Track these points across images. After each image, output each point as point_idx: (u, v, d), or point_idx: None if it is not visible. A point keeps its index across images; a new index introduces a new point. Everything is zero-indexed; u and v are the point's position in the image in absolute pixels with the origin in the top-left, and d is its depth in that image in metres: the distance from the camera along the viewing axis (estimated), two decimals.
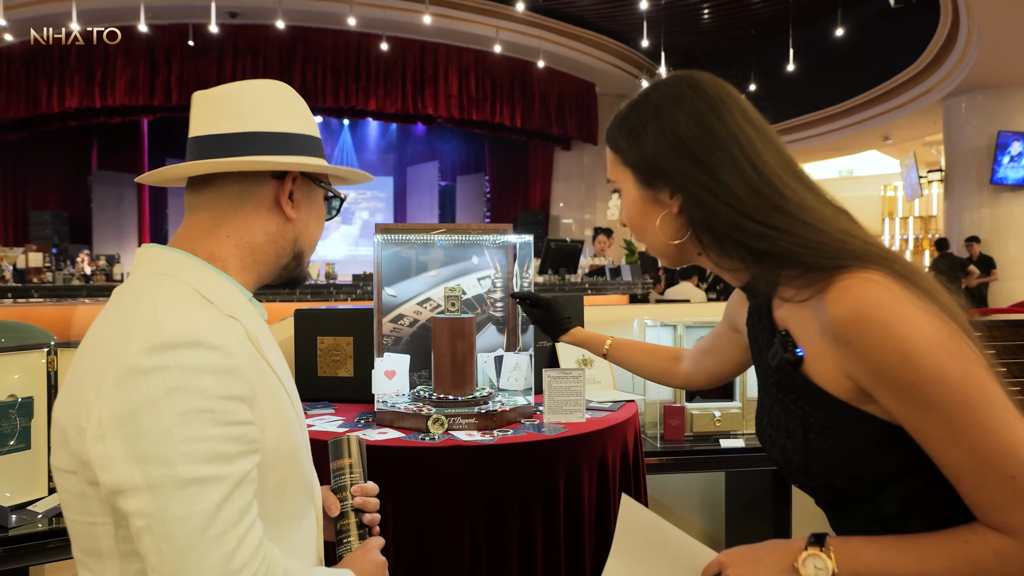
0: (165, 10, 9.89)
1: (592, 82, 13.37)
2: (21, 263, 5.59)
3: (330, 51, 11.16)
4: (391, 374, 1.82)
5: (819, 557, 0.80)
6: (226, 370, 0.78)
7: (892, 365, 0.74)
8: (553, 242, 6.42)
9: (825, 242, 0.82)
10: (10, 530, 1.53)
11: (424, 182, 15.19)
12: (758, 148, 0.87)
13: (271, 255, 0.96)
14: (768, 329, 0.91)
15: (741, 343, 1.21)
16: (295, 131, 0.95)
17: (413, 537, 1.46)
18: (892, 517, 0.82)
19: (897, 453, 0.79)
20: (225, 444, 0.76)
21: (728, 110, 0.89)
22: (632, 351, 1.51)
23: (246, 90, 0.93)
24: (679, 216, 0.92)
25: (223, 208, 0.93)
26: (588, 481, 1.61)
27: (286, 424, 0.88)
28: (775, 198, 0.85)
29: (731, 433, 2.33)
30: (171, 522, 0.73)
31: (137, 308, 0.82)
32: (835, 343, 0.79)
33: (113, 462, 0.74)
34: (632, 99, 0.97)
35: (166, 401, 0.74)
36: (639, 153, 0.92)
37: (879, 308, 0.76)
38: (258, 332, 0.88)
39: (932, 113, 10.82)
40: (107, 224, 13.21)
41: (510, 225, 1.92)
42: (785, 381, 0.87)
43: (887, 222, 15.87)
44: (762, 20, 11.40)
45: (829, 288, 0.79)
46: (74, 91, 10.43)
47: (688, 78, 0.93)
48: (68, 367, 1.69)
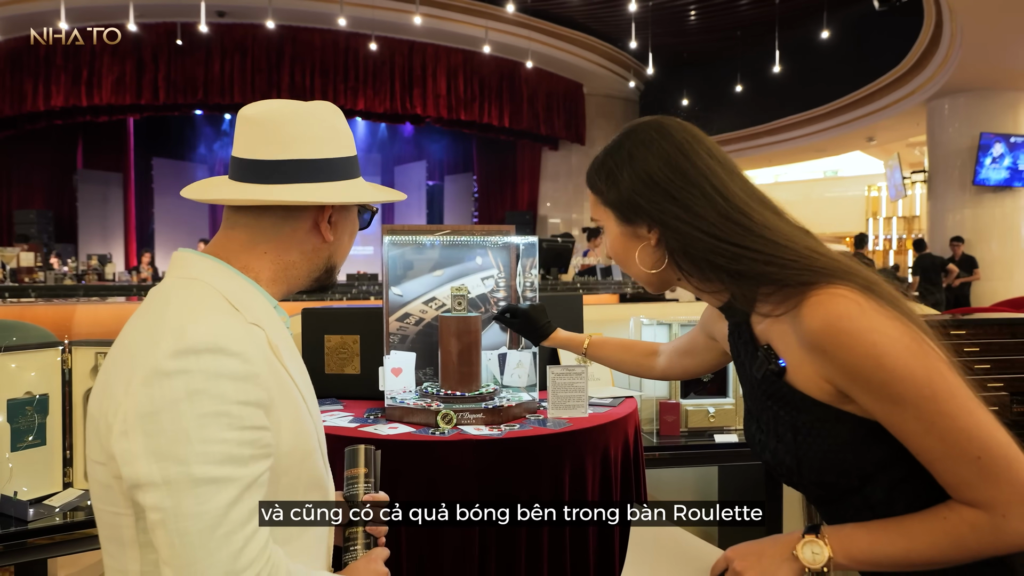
0: (153, 9, 9.83)
1: (580, 83, 13.44)
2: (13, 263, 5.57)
3: (319, 51, 11.14)
4: (398, 371, 1.87)
5: (815, 543, 0.88)
6: (245, 376, 0.82)
7: (864, 368, 0.84)
8: (544, 242, 6.48)
9: (795, 260, 0.91)
10: (29, 523, 1.57)
11: (412, 182, 15.20)
12: (725, 180, 0.97)
13: (304, 270, 1.01)
14: (751, 344, 1.00)
15: (717, 348, 1.32)
16: (338, 155, 0.98)
17: (425, 527, 1.51)
18: (880, 503, 0.91)
19: (878, 447, 0.88)
20: (239, 447, 0.81)
21: (694, 150, 0.99)
22: (610, 348, 1.63)
23: (291, 115, 0.96)
24: (657, 247, 1.01)
25: (263, 229, 0.97)
26: (592, 473, 1.67)
27: (301, 429, 0.92)
28: (745, 222, 0.94)
29: (725, 429, 2.40)
30: (184, 518, 0.77)
31: (166, 311, 0.86)
32: (812, 352, 0.88)
33: (134, 457, 0.79)
34: (608, 145, 1.07)
35: (186, 403, 0.79)
36: (617, 194, 1.02)
37: (848, 319, 0.85)
38: (279, 340, 0.93)
39: (916, 115, 10.98)
40: (93, 223, 13.11)
41: (512, 227, 1.98)
42: (772, 390, 0.96)
43: (871, 222, 16.08)
44: (748, 22, 11.52)
45: (803, 303, 0.88)
46: (60, 89, 10.34)
47: (656, 124, 1.03)
48: (84, 363, 1.73)
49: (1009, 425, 0.85)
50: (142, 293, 6.34)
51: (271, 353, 0.89)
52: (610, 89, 13.71)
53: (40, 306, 4.29)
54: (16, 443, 1.65)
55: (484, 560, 1.53)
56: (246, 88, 10.85)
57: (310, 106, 0.99)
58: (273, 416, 0.86)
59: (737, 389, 2.43)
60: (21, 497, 1.61)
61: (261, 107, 0.97)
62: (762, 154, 13.98)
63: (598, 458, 1.70)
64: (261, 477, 0.84)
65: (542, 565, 1.57)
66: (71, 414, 1.76)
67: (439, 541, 1.51)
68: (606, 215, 1.07)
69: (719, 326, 1.24)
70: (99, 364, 1.76)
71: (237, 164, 0.97)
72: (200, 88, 10.76)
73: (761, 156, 14.22)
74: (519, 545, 1.54)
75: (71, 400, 1.76)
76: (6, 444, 1.63)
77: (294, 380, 0.93)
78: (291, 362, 0.94)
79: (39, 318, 3.71)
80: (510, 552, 1.54)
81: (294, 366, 0.95)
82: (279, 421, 0.87)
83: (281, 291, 1.00)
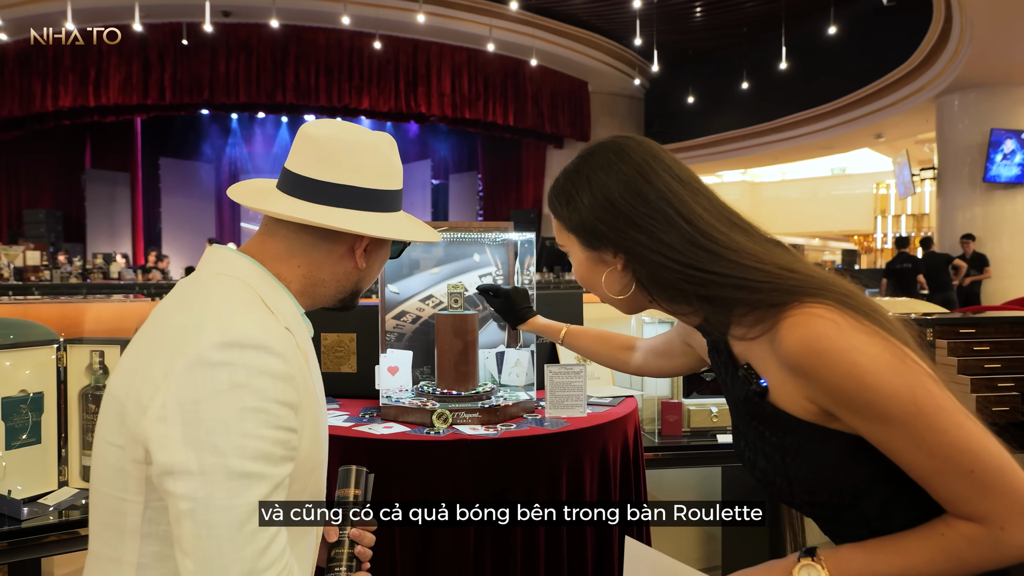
0: (159, 9, 9.87)
1: (584, 80, 13.41)
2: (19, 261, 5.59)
3: (323, 50, 11.16)
4: (394, 370, 1.85)
5: (812, 567, 0.86)
6: (284, 376, 0.83)
7: (847, 389, 0.82)
8: (548, 240, 6.46)
9: (766, 281, 0.88)
10: (23, 522, 1.56)
11: (417, 181, 15.21)
12: (688, 202, 0.93)
13: (331, 290, 1.03)
14: (730, 364, 0.97)
15: (693, 355, 1.30)
16: (385, 187, 1.00)
17: (419, 529, 1.49)
18: (876, 518, 0.88)
19: (868, 463, 0.86)
20: (273, 446, 0.81)
21: (655, 171, 0.95)
22: (586, 339, 1.61)
23: (351, 143, 0.98)
24: (624, 272, 0.98)
25: (301, 243, 0.98)
26: (590, 474, 1.64)
27: (316, 438, 0.93)
28: (711, 246, 0.90)
29: (728, 429, 2.37)
30: (214, 510, 0.77)
31: (209, 303, 0.87)
32: (793, 374, 0.86)
33: (171, 442, 0.78)
34: (566, 168, 1.04)
35: (229, 395, 0.79)
36: (578, 219, 0.99)
37: (827, 339, 0.82)
38: (306, 347, 0.95)
39: (925, 111, 10.90)
40: (101, 223, 13.19)
41: (511, 223, 1.96)
42: (755, 411, 0.93)
43: (879, 220, 15.99)
44: (754, 18, 11.46)
45: (778, 325, 0.86)
46: (68, 90, 10.41)
47: (614, 145, 0.99)
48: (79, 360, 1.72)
49: (1019, 425, 0.82)
50: (145, 291, 6.35)
51: (302, 359, 0.91)
52: (615, 87, 13.66)
53: (44, 304, 4.30)
54: (11, 441, 1.64)
55: (479, 563, 1.51)
56: (251, 87, 10.89)
57: (369, 136, 1.01)
58: (300, 420, 0.88)
59: None
60: (15, 496, 1.61)
61: (324, 128, 0.99)
62: (768, 152, 13.91)
63: (596, 458, 1.67)
64: (286, 480, 0.84)
65: (538, 567, 1.55)
66: (66, 412, 1.75)
67: (432, 543, 1.49)
68: (570, 240, 1.04)
69: (697, 336, 1.21)
70: (94, 362, 1.75)
71: (288, 176, 0.99)
72: (206, 88, 10.81)
73: (767, 154, 14.15)
74: (515, 547, 1.52)
75: (66, 398, 1.75)
76: (0, 442, 1.62)
77: (315, 389, 0.95)
78: (314, 371, 0.96)
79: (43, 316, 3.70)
80: (506, 555, 1.52)
81: (316, 376, 0.97)
82: (302, 426, 0.89)
83: (306, 304, 1.02)
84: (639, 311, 1.05)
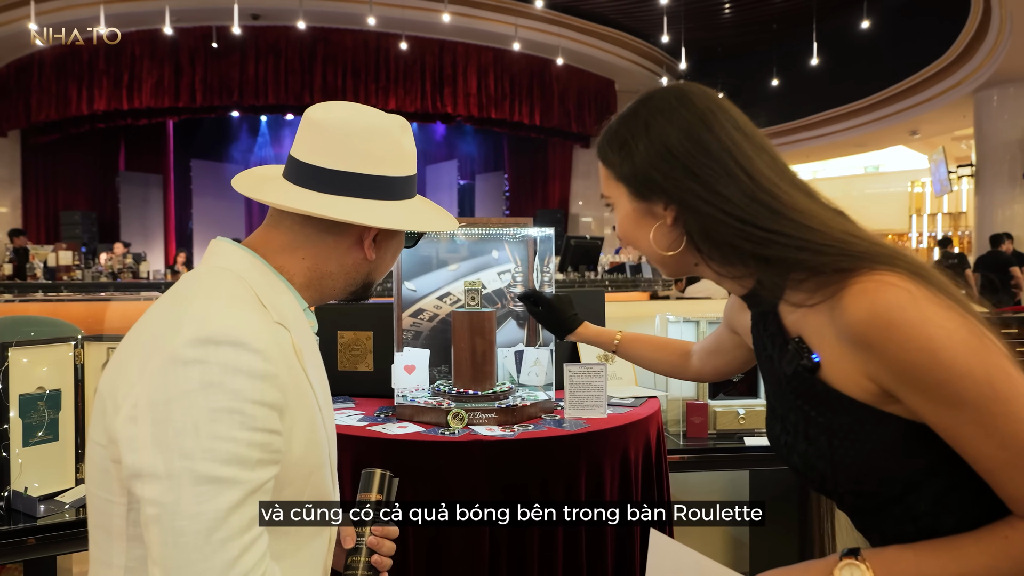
0: (189, 13, 10.03)
1: (611, 79, 13.31)
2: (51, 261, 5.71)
3: (350, 51, 11.24)
4: (411, 369, 1.82)
5: (856, 567, 0.78)
6: (263, 375, 0.78)
7: (918, 366, 0.74)
8: (573, 239, 6.41)
9: (830, 244, 0.81)
10: (39, 520, 1.55)
11: (443, 181, 15.24)
12: (751, 157, 0.87)
13: (340, 282, 0.97)
14: (779, 336, 0.90)
15: (743, 344, 1.22)
16: (396, 174, 0.95)
17: (432, 532, 1.46)
18: (924, 515, 0.80)
19: (925, 452, 0.78)
20: (248, 449, 0.76)
21: (718, 121, 0.89)
22: (643, 346, 1.50)
23: (357, 126, 0.93)
24: (674, 227, 0.91)
25: (307, 234, 0.94)
26: (610, 478, 1.59)
27: (313, 440, 0.88)
28: (773, 204, 0.84)
29: (755, 431, 2.30)
30: (181, 517, 0.73)
31: (192, 298, 0.83)
32: (855, 347, 0.78)
33: (140, 444, 0.75)
34: (621, 113, 0.97)
35: (200, 394, 0.75)
36: (631, 167, 0.92)
37: (900, 310, 0.75)
38: (303, 344, 0.89)
39: (962, 106, 10.61)
40: (134, 223, 13.44)
41: (530, 219, 1.91)
42: (802, 388, 0.86)
43: (915, 219, 15.62)
44: (784, 14, 11.26)
45: (843, 292, 0.78)
46: (102, 93, 10.63)
47: (676, 91, 0.93)
48: (96, 359, 1.72)
49: None
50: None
51: (294, 356, 0.86)
52: (642, 85, 13.52)
53: (75, 303, 4.38)
54: (28, 438, 1.64)
55: (495, 568, 1.47)
56: (279, 89, 11.02)
57: (379, 119, 0.95)
58: (286, 422, 0.82)
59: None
60: (32, 493, 1.60)
61: (329, 112, 0.94)
62: (799, 149, 13.67)
63: (617, 461, 1.62)
64: (267, 484, 0.79)
65: (556, 571, 1.50)
66: (83, 410, 1.75)
67: (446, 546, 1.45)
68: (618, 190, 0.96)
69: (742, 318, 1.14)
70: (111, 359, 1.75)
71: (293, 164, 0.94)
72: (235, 90, 10.95)
73: (798, 152, 13.91)
74: (531, 551, 1.48)
75: (83, 395, 1.75)
76: (18, 439, 1.62)
77: (313, 388, 0.89)
78: (313, 369, 0.90)
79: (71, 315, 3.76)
80: (521, 559, 1.48)
81: (315, 374, 0.91)
82: (292, 428, 0.83)
83: (313, 298, 0.97)
84: (684, 274, 0.98)
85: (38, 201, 12.52)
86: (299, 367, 0.86)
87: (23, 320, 2.07)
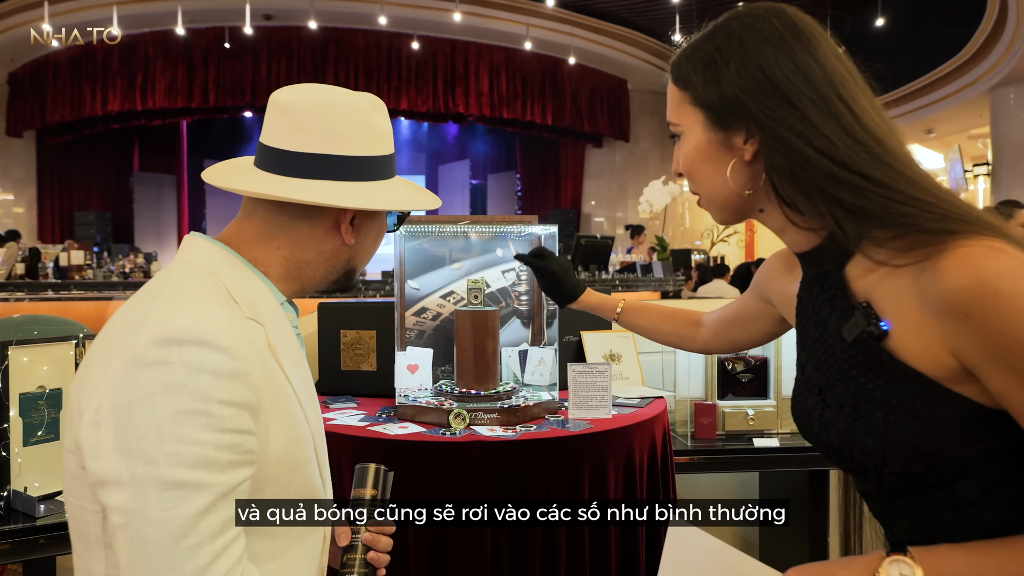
0: (201, 14, 10.09)
1: (624, 79, 13.26)
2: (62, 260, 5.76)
3: (362, 51, 11.28)
4: (414, 368, 1.80)
5: (904, 563, 0.72)
6: (230, 374, 0.75)
7: (1019, 342, 0.67)
8: (583, 239, 6.37)
9: (932, 202, 0.73)
10: (38, 520, 1.55)
11: (456, 181, 15.24)
12: (856, 94, 0.78)
13: (320, 271, 0.94)
14: (841, 300, 0.82)
15: (772, 315, 1.13)
16: (370, 153, 0.91)
17: (433, 534, 1.43)
18: (968, 504, 0.75)
19: (987, 438, 0.72)
20: (216, 451, 0.73)
21: (823, 49, 0.80)
22: (646, 315, 1.40)
23: (326, 105, 0.89)
24: (750, 164, 0.82)
25: (280, 222, 0.90)
26: (614, 479, 1.57)
27: (294, 437, 0.85)
28: (876, 149, 0.75)
29: (765, 432, 2.26)
30: (147, 524, 0.71)
31: (157, 297, 0.80)
32: (945, 316, 0.71)
33: (104, 451, 0.72)
34: (706, 29, 0.86)
35: (162, 397, 0.72)
36: (716, 90, 0.82)
37: (1009, 280, 0.68)
38: (280, 339, 0.86)
39: (978, 105, 10.47)
40: (148, 223, 13.54)
41: (535, 217, 1.89)
42: (862, 357, 0.78)
43: None
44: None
45: (941, 255, 0.71)
46: (116, 94, 10.73)
47: (777, 9, 0.82)
48: None
49: None
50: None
51: (268, 352, 0.83)
52: (655, 84, 13.46)
53: (84, 302, 4.41)
54: (28, 438, 1.63)
55: (496, 569, 1.45)
56: None
57: (348, 97, 0.91)
58: (261, 420, 0.79)
59: (779, 390, 2.29)
60: (31, 493, 1.60)
61: (295, 92, 0.90)
62: None
63: (621, 462, 1.59)
64: (241, 486, 0.76)
65: (559, 572, 1.47)
66: None
67: (447, 547, 1.43)
68: (692, 117, 0.85)
69: (780, 283, 1.04)
70: None
71: (262, 151, 0.91)
72: (248, 90, 11.02)
73: None
74: (533, 553, 1.45)
75: None
76: (18, 439, 1.62)
77: (291, 383, 0.86)
78: (291, 364, 0.87)
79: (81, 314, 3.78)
80: (524, 560, 1.45)
81: (294, 368, 0.87)
82: (267, 426, 0.80)
83: (293, 289, 0.93)
84: (739, 220, 0.89)
85: (53, 201, 12.64)
86: (274, 363, 0.83)
87: (30, 319, 2.07)
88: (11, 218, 12.07)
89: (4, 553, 1.51)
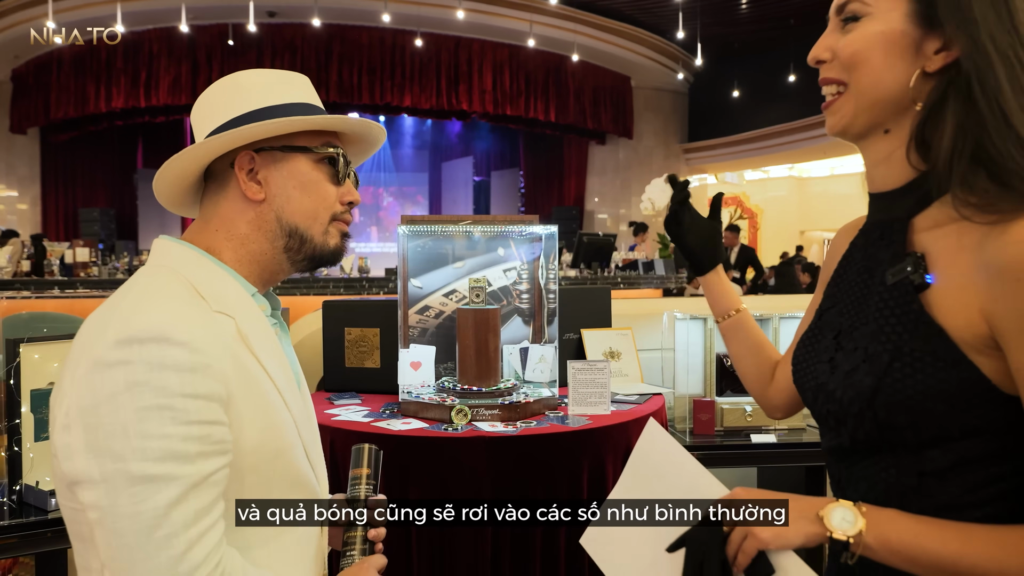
0: (205, 11, 10.10)
1: (627, 75, 13.25)
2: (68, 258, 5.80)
3: (365, 48, 11.27)
4: (417, 365, 1.83)
5: (849, 510, 0.74)
6: (192, 367, 0.77)
7: None
8: (585, 236, 6.39)
9: None
10: (50, 513, 1.58)
11: (459, 178, 15.26)
12: None
13: (264, 243, 0.93)
14: (897, 246, 0.81)
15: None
16: (265, 104, 0.92)
17: (436, 528, 1.46)
18: (933, 473, 0.75)
19: (979, 413, 0.73)
20: (184, 443, 0.76)
21: None
22: (744, 339, 1.13)
23: (219, 84, 0.94)
24: (928, 79, 0.77)
25: (208, 203, 0.94)
26: (613, 474, 1.59)
27: (271, 424, 0.86)
28: None
29: (762, 428, 2.29)
30: (120, 519, 0.73)
31: (121, 300, 0.82)
32: (995, 278, 0.70)
33: (74, 452, 0.75)
34: None
35: (126, 395, 0.74)
36: None
37: None
38: (252, 329, 0.87)
39: None
40: (152, 221, 13.57)
41: (536, 216, 1.92)
42: (894, 303, 0.78)
43: None
44: (802, 9, 11.13)
45: (1020, 221, 0.70)
46: (120, 91, 10.74)
47: None
48: None
49: None
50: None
51: (239, 343, 0.84)
52: (658, 82, 13.47)
53: (91, 300, 4.44)
54: (39, 433, 1.66)
55: (497, 564, 1.48)
56: None
57: (249, 73, 0.94)
58: (233, 410, 0.81)
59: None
60: (43, 487, 1.63)
61: (206, 91, 0.95)
62: (818, 145, 13.52)
63: (620, 457, 1.62)
64: (214, 475, 0.78)
65: (559, 568, 1.50)
66: None
67: (449, 543, 1.46)
68: (893, 2, 0.78)
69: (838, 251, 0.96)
70: None
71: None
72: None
73: (816, 148, 13.76)
74: (534, 548, 1.48)
75: None
76: (29, 434, 1.65)
77: (267, 371, 0.87)
78: (265, 352, 0.88)
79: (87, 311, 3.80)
80: (525, 555, 1.48)
81: (270, 357, 0.89)
82: (240, 415, 0.82)
83: (255, 272, 0.93)
84: (865, 132, 0.84)
85: (57, 198, 12.68)
86: (247, 353, 0.85)
87: (38, 316, 2.11)
88: (15, 215, 12.12)
89: (16, 546, 1.55)
